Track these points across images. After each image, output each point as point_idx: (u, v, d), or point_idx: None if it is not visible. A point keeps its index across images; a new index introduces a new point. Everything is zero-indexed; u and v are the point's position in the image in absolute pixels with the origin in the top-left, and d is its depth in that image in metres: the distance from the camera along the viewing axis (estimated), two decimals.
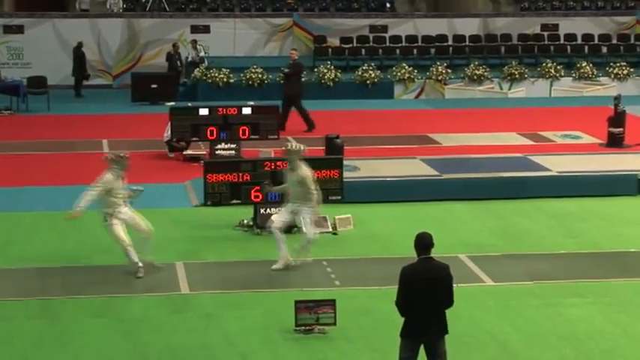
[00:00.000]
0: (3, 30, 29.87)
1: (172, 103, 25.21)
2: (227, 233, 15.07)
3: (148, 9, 31.87)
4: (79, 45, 28.78)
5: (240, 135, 19.11)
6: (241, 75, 28.09)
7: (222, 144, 19.21)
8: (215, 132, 19.01)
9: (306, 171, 13.36)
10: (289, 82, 23.63)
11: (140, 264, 12.89)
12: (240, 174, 14.94)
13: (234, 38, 30.93)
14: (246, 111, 19.32)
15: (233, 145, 19.25)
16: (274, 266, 13.32)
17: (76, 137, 22.20)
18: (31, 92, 26.57)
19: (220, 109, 19.32)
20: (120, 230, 12.85)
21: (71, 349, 10.70)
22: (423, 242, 9.02)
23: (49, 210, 16.22)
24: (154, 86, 27.10)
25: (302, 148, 13.60)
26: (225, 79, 28.01)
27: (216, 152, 19.15)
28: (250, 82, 28.04)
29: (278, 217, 13.53)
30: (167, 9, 31.96)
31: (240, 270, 13.45)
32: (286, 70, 24.06)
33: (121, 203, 12.96)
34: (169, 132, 19.85)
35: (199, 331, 11.34)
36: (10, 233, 14.97)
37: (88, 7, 31.95)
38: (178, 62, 29.04)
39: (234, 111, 19.25)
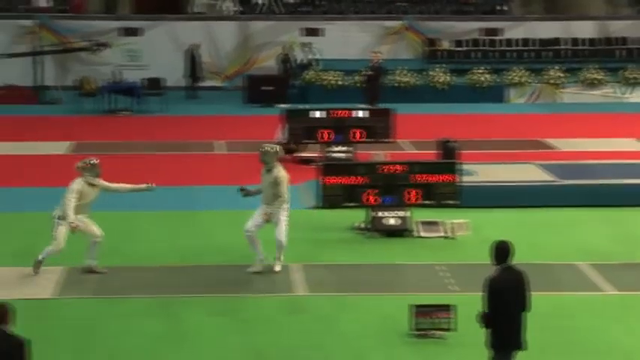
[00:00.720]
0: (122, 32, 30.51)
1: (284, 105, 25.36)
2: (341, 236, 15.07)
3: (260, 12, 32.16)
4: (194, 47, 29.22)
5: (354, 138, 19.09)
6: (353, 78, 28.10)
7: (336, 146, 19.22)
8: (329, 134, 19.03)
9: (281, 173, 13.23)
10: (370, 84, 23.46)
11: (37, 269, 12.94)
12: (356, 177, 14.92)
13: (345, 41, 30.97)
14: (360, 114, 19.29)
15: (346, 148, 19.24)
16: (250, 269, 13.23)
17: (191, 138, 22.52)
18: (148, 93, 27.07)
19: (334, 111, 19.34)
20: (64, 233, 12.94)
21: (190, 347, 10.82)
22: (505, 250, 8.95)
23: (164, 210, 16.47)
24: (266, 88, 27.33)
25: (278, 149, 13.46)
26: (336, 82, 28.07)
27: (330, 155, 19.16)
28: (361, 85, 28.00)
29: (252, 221, 13.34)
30: (280, 12, 32.18)
31: (356, 273, 13.43)
32: (369, 73, 23.90)
33: (85, 210, 13.07)
34: (283, 134, 19.96)
35: (316, 332, 11.35)
36: (127, 232, 15.24)
37: (202, 10, 32.39)
38: (290, 65, 29.23)
39: (348, 114, 19.24)
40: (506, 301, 8.84)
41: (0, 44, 29.56)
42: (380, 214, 15.02)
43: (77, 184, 12.96)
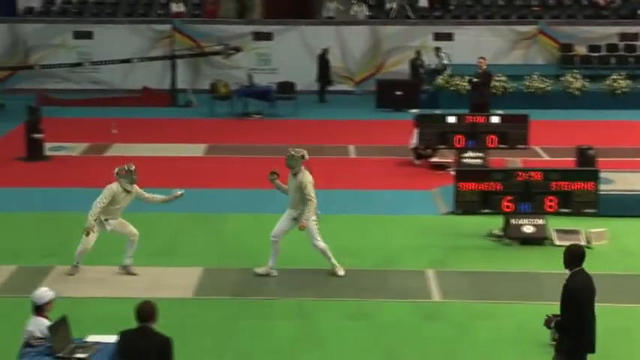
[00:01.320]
0: (254, 37, 30.92)
1: (416, 110, 25.24)
2: (476, 242, 14.91)
3: (392, 16, 32.13)
4: (325, 51, 29.38)
5: (488, 144, 18.86)
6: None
7: (470, 152, 19.03)
8: (463, 140, 18.85)
9: (306, 177, 13.13)
10: (477, 91, 23.02)
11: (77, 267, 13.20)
12: (492, 183, 14.73)
13: (477, 45, 30.64)
14: (495, 119, 19.04)
15: (480, 154, 19.03)
16: (256, 269, 13.23)
17: (323, 142, 22.62)
18: (280, 97, 27.33)
19: (468, 117, 19.15)
20: (93, 239, 13.10)
21: (325, 350, 10.86)
22: (579, 254, 9.05)
23: None
24: (398, 93, 27.27)
25: (304, 154, 13.32)
26: (467, 87, 27.76)
27: (463, 160, 18.98)
28: (493, 90, 27.67)
29: (278, 226, 13.29)
30: (411, 16, 32.09)
31: (492, 280, 13.26)
32: (475, 80, 23.43)
33: (117, 214, 13.20)
34: (416, 139, 19.87)
35: (451, 339, 11.24)
36: (263, 234, 15.28)
37: (333, 15, 32.55)
38: (421, 69, 29.10)
39: (483, 119, 19.02)
40: (583, 304, 8.84)
41: (137, 48, 30.31)
42: (516, 221, 14.79)
43: (110, 189, 13.16)
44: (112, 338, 8.69)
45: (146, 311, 8.01)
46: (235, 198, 17.71)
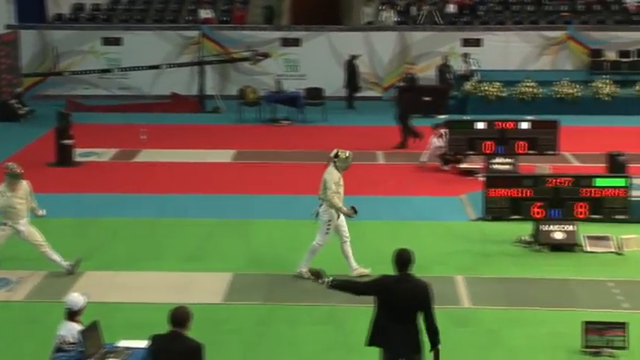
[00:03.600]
0: (281, 43, 30.96)
1: (444, 116, 25.16)
2: (506, 249, 14.84)
3: (420, 22, 32.08)
4: (353, 58, 29.37)
5: (517, 150, 18.77)
6: (513, 89, 27.71)
7: (499, 158, 18.95)
8: (492, 146, 18.77)
9: (327, 174, 13.26)
10: (404, 96, 22.82)
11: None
12: (522, 189, 14.67)
13: (506, 51, 30.59)
14: (524, 125, 18.94)
15: (509, 160, 18.95)
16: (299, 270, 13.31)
17: (351, 148, 22.41)
18: (308, 103, 27.35)
19: (497, 123, 19.06)
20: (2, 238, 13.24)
21: (357, 357, 10.80)
22: (398, 259, 8.86)
23: None
24: (426, 99, 27.21)
25: (332, 154, 13.52)
26: (496, 93, 27.72)
27: (492, 166, 18.91)
28: (522, 96, 27.60)
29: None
30: (439, 22, 32.03)
31: (522, 286, 13.19)
32: (402, 84, 23.28)
33: (20, 215, 13.25)
34: (444, 144, 19.82)
35: (482, 346, 11.19)
36: (292, 240, 15.34)
37: (371, 20, 32.49)
38: (449, 75, 29.04)
39: (512, 125, 18.92)
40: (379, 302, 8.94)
41: (166, 54, 30.44)
42: (546, 227, 14.72)
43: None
44: (143, 343, 8.71)
45: (180, 316, 8.04)
46: (264, 204, 17.73)
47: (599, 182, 14.64)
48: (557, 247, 14.70)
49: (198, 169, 20.81)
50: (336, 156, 13.51)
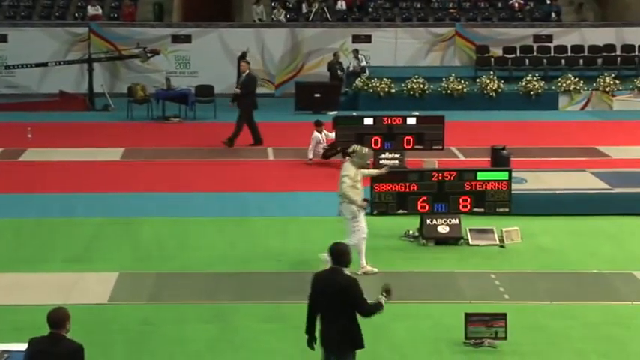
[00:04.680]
0: (172, 40, 30.75)
1: (335, 113, 25.36)
2: (392, 243, 15.03)
3: (310, 19, 32.23)
4: (244, 53, 29.32)
5: (405, 145, 19.05)
6: (402, 85, 28.07)
7: (387, 154, 19.20)
8: (380, 142, 19.00)
9: (342, 170, 13.48)
10: (244, 95, 22.76)
11: None
12: (407, 184, 14.88)
13: (395, 48, 30.95)
14: (411, 121, 19.24)
15: (397, 155, 19.21)
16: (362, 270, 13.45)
17: (242, 145, 22.58)
18: (199, 100, 27.22)
19: (385, 118, 19.31)
20: None
21: (243, 354, 10.85)
22: (335, 252, 9.00)
23: (217, 216, 16.54)
24: (317, 95, 27.37)
25: (351, 149, 13.65)
26: (386, 89, 28.04)
27: (380, 162, 19.12)
28: (412, 92, 27.99)
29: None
30: (329, 19, 32.23)
31: (408, 280, 13.37)
32: (240, 86, 23.09)
33: None
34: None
35: (368, 340, 11.21)
36: (181, 238, 15.33)
37: (262, 18, 32.44)
38: (339, 72, 29.25)
39: (399, 121, 19.20)
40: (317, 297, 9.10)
41: (54, 52, 29.93)
42: (431, 221, 14.96)
43: None
44: (23, 346, 8.56)
45: (57, 317, 7.92)
46: (152, 202, 17.59)
47: (482, 176, 14.94)
48: (442, 240, 14.94)
49: (86, 167, 20.53)
50: (354, 151, 13.52)
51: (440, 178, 14.86)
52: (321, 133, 20.89)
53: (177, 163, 21.04)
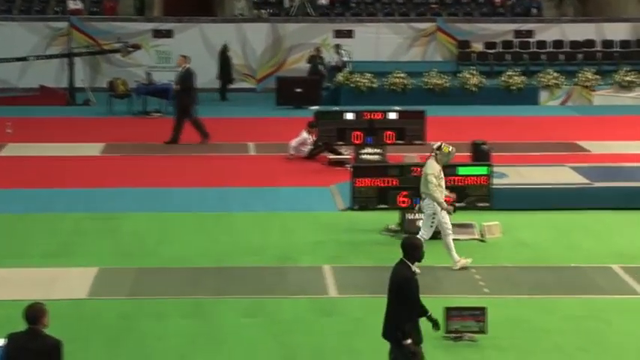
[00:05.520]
0: (153, 34, 30.65)
1: (316, 107, 25.36)
2: (373, 238, 15.05)
3: (292, 14, 32.19)
4: (225, 48, 29.27)
5: (386, 140, 19.06)
6: (384, 80, 28.09)
7: (368, 148, 19.20)
8: (361, 136, 19.01)
9: (427, 167, 13.51)
10: (183, 91, 22.49)
11: None
12: (388, 179, 14.90)
13: (377, 43, 30.97)
14: (392, 116, 19.25)
15: (378, 150, 19.21)
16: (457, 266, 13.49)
17: (223, 140, 22.56)
18: None
19: (366, 113, 19.31)
20: None
21: (224, 349, 10.84)
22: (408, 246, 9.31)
23: (198, 211, 16.52)
24: (298, 90, 27.36)
25: (435, 146, 13.73)
26: (367, 84, 28.06)
27: (361, 157, 19.14)
28: (393, 87, 28.01)
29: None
30: (311, 14, 32.21)
31: (388, 275, 13.29)
32: (176, 87, 22.95)
33: None
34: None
35: (348, 334, 11.33)
36: (161, 233, 15.30)
37: (244, 13, 32.38)
38: (321, 67, 29.24)
39: (380, 116, 19.21)
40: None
41: (33, 46, 29.79)
42: (412, 216, 14.97)
43: None
44: (0, 342, 8.52)
45: (34, 313, 7.88)
46: (133, 197, 17.55)
47: (462, 171, 14.98)
48: None
49: (67, 162, 20.46)
50: (439, 148, 13.50)
51: (421, 172, 14.83)
52: (310, 135, 20.72)
53: (158, 157, 21.00)
